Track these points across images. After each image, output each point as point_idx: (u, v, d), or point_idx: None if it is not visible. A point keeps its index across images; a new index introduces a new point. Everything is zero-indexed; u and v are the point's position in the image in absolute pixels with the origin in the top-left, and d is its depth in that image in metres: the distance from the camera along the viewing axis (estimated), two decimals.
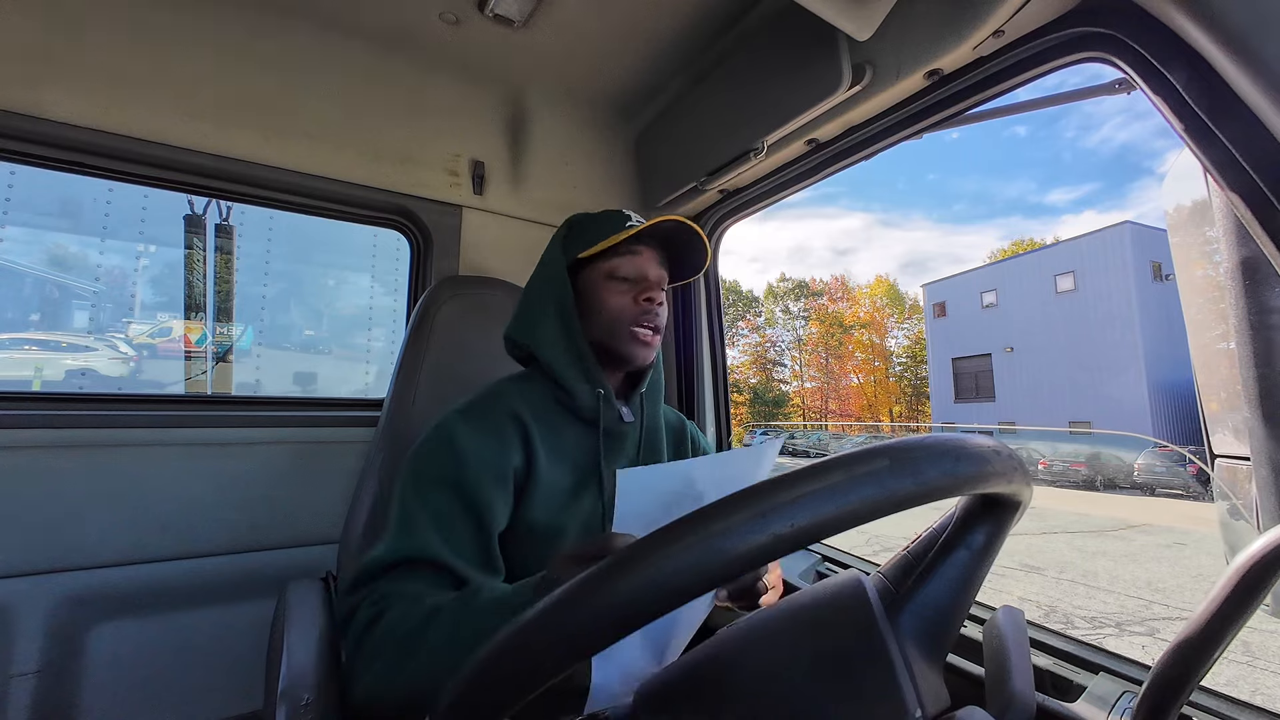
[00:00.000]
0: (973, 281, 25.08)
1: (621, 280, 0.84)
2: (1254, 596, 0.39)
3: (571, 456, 0.81)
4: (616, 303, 0.83)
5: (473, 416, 0.78)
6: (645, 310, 0.82)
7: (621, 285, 0.84)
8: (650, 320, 0.83)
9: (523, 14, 1.21)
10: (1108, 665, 0.78)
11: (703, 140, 1.34)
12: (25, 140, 1.08)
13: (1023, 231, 68.09)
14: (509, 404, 0.80)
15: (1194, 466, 12.02)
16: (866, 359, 40.37)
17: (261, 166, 1.26)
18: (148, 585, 1.14)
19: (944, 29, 0.86)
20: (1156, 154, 54.82)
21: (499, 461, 0.74)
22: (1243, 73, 0.58)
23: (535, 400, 0.83)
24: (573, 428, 0.83)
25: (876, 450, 0.32)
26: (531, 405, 0.82)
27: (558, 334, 0.84)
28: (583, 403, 0.82)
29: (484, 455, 0.73)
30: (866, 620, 0.40)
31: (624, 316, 0.82)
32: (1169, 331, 18.28)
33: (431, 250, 1.47)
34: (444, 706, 0.33)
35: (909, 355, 39.47)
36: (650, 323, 0.83)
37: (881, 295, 41.28)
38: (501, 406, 0.80)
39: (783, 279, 43.71)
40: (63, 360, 2.14)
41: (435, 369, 1.16)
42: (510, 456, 0.75)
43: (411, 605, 0.62)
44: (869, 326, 40.92)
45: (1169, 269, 17.93)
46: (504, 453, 0.75)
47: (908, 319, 40.42)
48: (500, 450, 0.75)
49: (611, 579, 0.29)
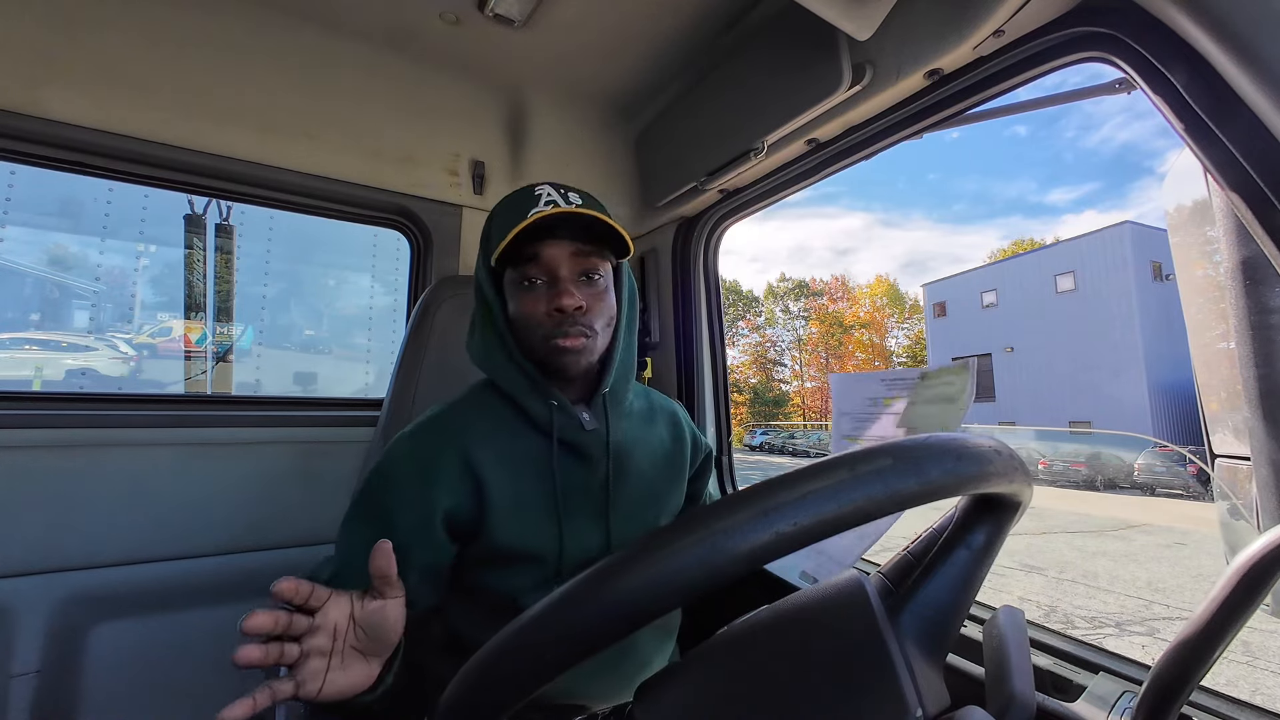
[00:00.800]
0: (973, 281, 25.08)
1: (532, 285, 0.73)
2: (1254, 596, 0.39)
3: (531, 472, 0.76)
4: (530, 313, 0.73)
5: (409, 453, 0.75)
6: (559, 320, 0.72)
7: (533, 291, 0.73)
8: (570, 327, 0.72)
9: (523, 14, 1.21)
10: (1108, 665, 0.78)
11: (703, 140, 1.34)
12: (25, 140, 1.08)
13: (1023, 231, 68.18)
14: (455, 434, 0.75)
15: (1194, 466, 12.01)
16: (867, 359, 40.38)
17: (261, 166, 1.26)
18: (148, 585, 1.14)
19: (944, 29, 0.86)
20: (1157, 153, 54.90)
21: (423, 507, 0.71)
22: (1243, 73, 0.58)
23: (490, 414, 0.78)
24: (532, 440, 0.77)
25: (879, 449, 0.32)
26: (484, 425, 0.77)
27: (496, 350, 0.77)
28: (537, 415, 0.76)
29: (408, 500, 0.71)
30: (867, 620, 0.40)
31: (538, 328, 0.73)
32: (1169, 331, 18.28)
33: (431, 250, 1.47)
34: (444, 705, 0.33)
35: (909, 355, 39.48)
36: (564, 333, 0.72)
37: (881, 295, 41.29)
38: (445, 440, 0.75)
39: (783, 279, 43.76)
40: (63, 360, 2.14)
41: (435, 368, 1.16)
42: (438, 500, 0.71)
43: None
44: (869, 326, 40.93)
45: (1169, 269, 17.92)
46: (430, 497, 0.71)
47: (908, 319, 40.44)
48: (426, 495, 0.71)
49: (616, 576, 0.29)
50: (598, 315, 0.75)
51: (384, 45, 1.34)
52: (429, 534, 0.71)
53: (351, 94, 1.33)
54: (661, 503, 0.86)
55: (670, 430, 0.92)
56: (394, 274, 1.61)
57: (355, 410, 1.42)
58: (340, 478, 1.34)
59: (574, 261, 0.74)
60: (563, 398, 0.77)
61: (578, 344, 0.73)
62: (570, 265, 0.73)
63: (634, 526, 0.81)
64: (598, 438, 0.79)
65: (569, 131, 1.56)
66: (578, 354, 0.73)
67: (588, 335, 0.74)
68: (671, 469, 0.90)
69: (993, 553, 0.43)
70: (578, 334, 0.73)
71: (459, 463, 0.73)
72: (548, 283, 0.73)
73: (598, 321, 0.75)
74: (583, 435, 0.78)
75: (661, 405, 0.95)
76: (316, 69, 1.29)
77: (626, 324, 0.81)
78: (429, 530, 0.71)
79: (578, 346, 0.73)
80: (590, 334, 0.74)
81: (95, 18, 1.09)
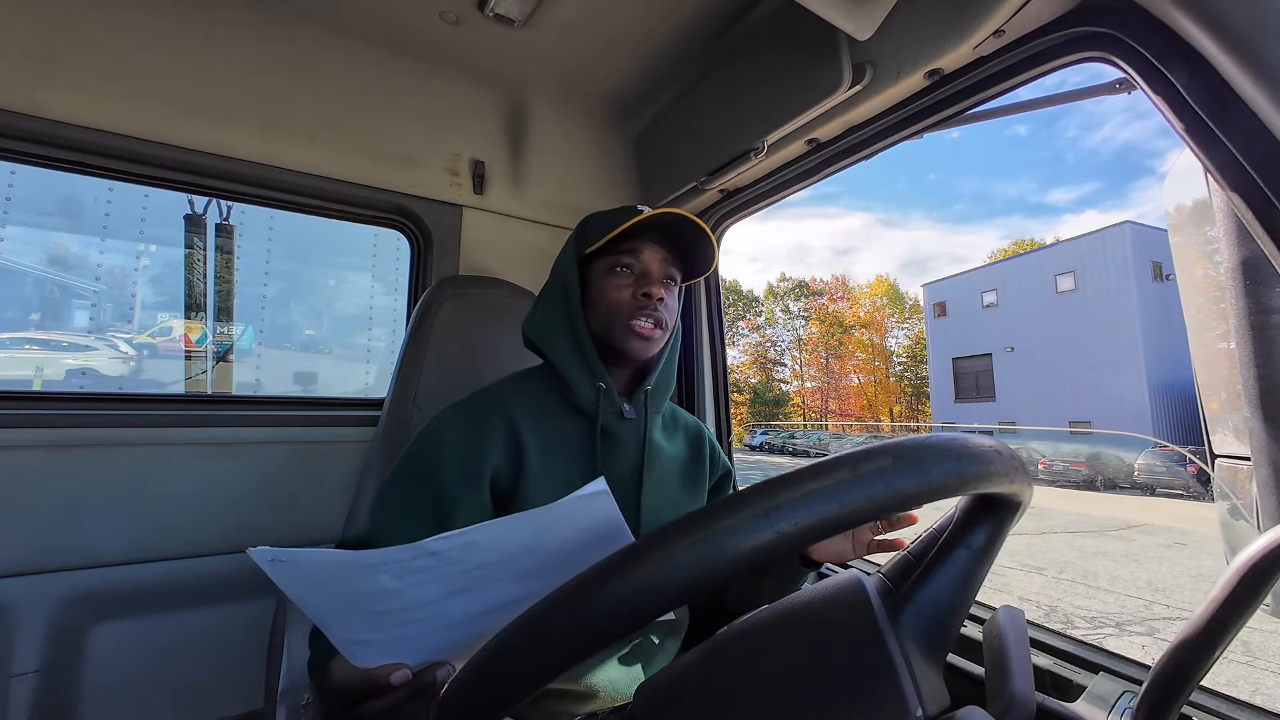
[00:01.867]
0: (973, 281, 25.09)
1: (623, 274, 0.84)
2: (1254, 596, 0.39)
3: (568, 453, 0.82)
4: (615, 296, 0.83)
5: (461, 414, 0.81)
6: (643, 305, 0.82)
7: (622, 279, 0.84)
8: (650, 314, 0.82)
9: (523, 14, 1.21)
10: (1108, 665, 0.78)
11: (703, 140, 1.34)
12: (25, 140, 1.08)
13: (1023, 231, 68.15)
14: (502, 403, 0.82)
15: (1194, 466, 12.02)
16: (867, 359, 40.39)
17: (262, 166, 1.26)
18: (148, 585, 1.14)
19: (944, 29, 0.86)
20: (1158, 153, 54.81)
21: (474, 462, 0.76)
22: (1243, 73, 0.58)
23: (534, 396, 0.85)
24: (571, 423, 0.84)
25: (880, 449, 0.32)
26: (528, 402, 0.83)
27: (563, 328, 0.85)
28: (582, 395, 0.83)
29: (459, 455, 0.76)
30: (867, 620, 0.40)
31: (621, 309, 0.82)
32: (1169, 331, 18.28)
33: (431, 250, 1.47)
34: (446, 702, 0.33)
35: (909, 355, 39.48)
36: (650, 316, 0.82)
37: (882, 295, 41.29)
38: (493, 406, 0.82)
39: (783, 279, 43.76)
40: (63, 360, 2.14)
41: (435, 369, 1.16)
42: (488, 457, 0.76)
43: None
44: (869, 326, 40.94)
45: (1169, 269, 17.93)
46: (481, 453, 0.76)
47: (908, 319, 40.43)
48: (477, 450, 0.76)
49: (619, 575, 0.29)
50: (668, 314, 0.85)
51: (384, 45, 1.34)
52: (477, 491, 0.75)
53: (351, 94, 1.33)
54: (679, 510, 0.90)
55: (690, 446, 0.97)
56: (394, 274, 1.60)
57: (355, 410, 1.42)
58: (340, 478, 1.34)
59: (663, 265, 0.86)
60: (611, 382, 0.84)
61: (652, 332, 0.83)
62: (660, 266, 0.85)
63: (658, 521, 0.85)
64: (633, 429, 0.86)
65: (569, 131, 1.56)
66: (648, 340, 0.83)
67: (660, 328, 0.84)
68: (690, 481, 0.94)
69: (993, 553, 0.43)
70: (654, 323, 0.83)
71: (504, 427, 0.79)
72: (638, 275, 0.84)
73: (669, 318, 0.85)
74: (621, 424, 0.85)
75: (685, 421, 1.01)
76: (316, 69, 1.29)
77: (673, 342, 0.91)
78: (477, 486, 0.75)
79: (651, 334, 0.83)
80: (662, 328, 0.84)
81: (95, 18, 1.09)
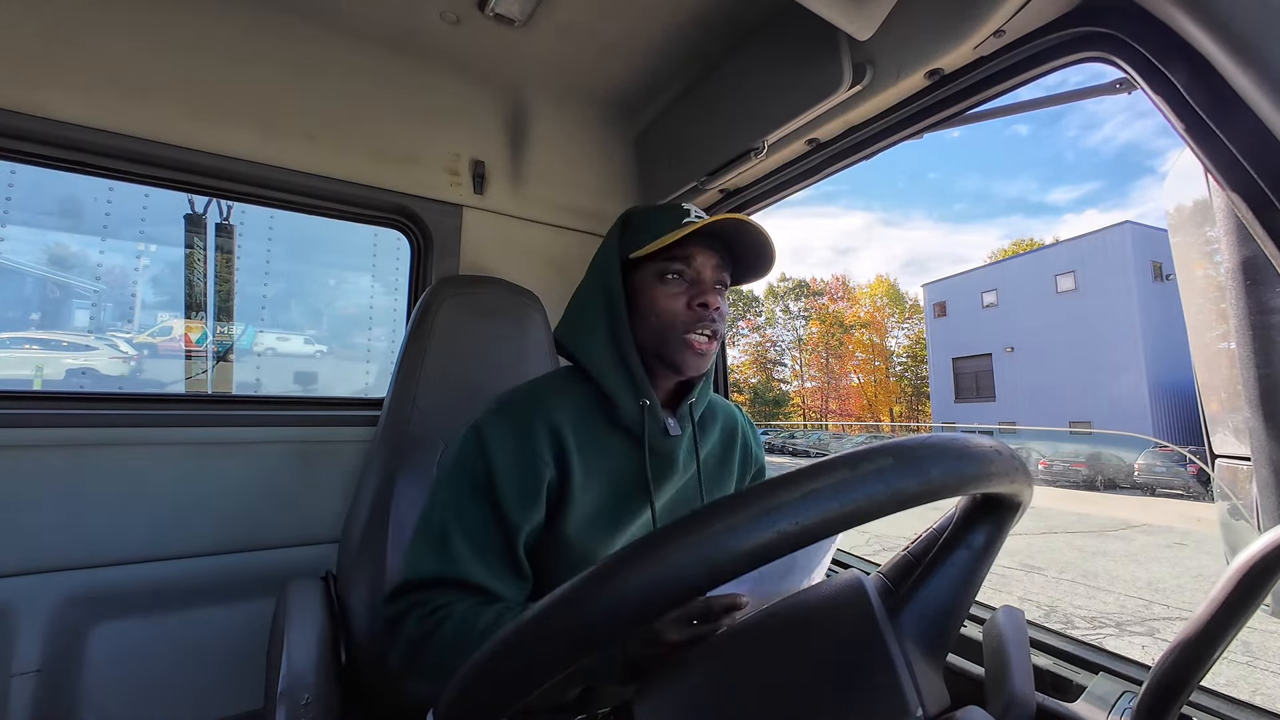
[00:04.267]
0: (973, 281, 25.07)
1: (674, 281, 0.77)
2: (1254, 596, 0.39)
3: (612, 474, 0.77)
4: (669, 306, 0.76)
5: (506, 422, 0.75)
6: (700, 316, 0.76)
7: (676, 287, 0.77)
8: (706, 327, 0.76)
9: (523, 14, 1.21)
10: (1108, 665, 0.78)
11: (703, 140, 1.34)
12: (26, 140, 1.08)
13: (1024, 231, 68.20)
14: (546, 411, 0.76)
15: (1194, 467, 12.01)
16: (867, 359, 40.39)
17: (262, 166, 1.26)
18: (148, 585, 1.14)
19: (945, 29, 0.86)
20: (1159, 153, 54.79)
21: (530, 475, 0.72)
22: (1243, 73, 0.58)
23: (576, 405, 0.79)
24: (614, 438, 0.79)
25: (881, 449, 0.32)
26: (571, 412, 0.77)
27: (604, 338, 0.79)
28: (626, 413, 0.78)
29: (515, 468, 0.72)
30: (867, 620, 0.40)
31: (677, 322, 0.76)
32: (1169, 331, 18.27)
33: (432, 250, 1.47)
34: (446, 702, 0.33)
35: (909, 355, 39.48)
36: (706, 329, 0.76)
37: (882, 295, 41.28)
38: (538, 414, 0.76)
39: (783, 278, 43.74)
40: (63, 359, 2.14)
41: (435, 368, 1.16)
42: (542, 471, 0.72)
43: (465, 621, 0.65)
44: (869, 326, 40.93)
45: (1170, 269, 17.92)
46: (536, 465, 0.72)
47: (908, 319, 40.42)
48: (532, 463, 0.72)
49: (619, 575, 0.29)
50: (722, 324, 0.79)
51: (384, 45, 1.34)
52: (536, 504, 0.72)
53: (352, 94, 1.33)
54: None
55: (723, 434, 0.92)
56: (394, 274, 1.60)
57: (355, 410, 1.42)
58: (340, 478, 1.34)
59: (717, 272, 0.79)
60: (655, 398, 0.78)
61: (709, 346, 0.77)
62: (713, 273, 0.79)
63: None
64: (681, 445, 0.81)
65: (569, 131, 1.56)
66: (704, 356, 0.77)
67: (714, 339, 0.77)
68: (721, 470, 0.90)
69: (993, 553, 0.43)
70: (710, 336, 0.77)
71: (549, 435, 0.74)
72: (691, 281, 0.77)
73: (722, 330, 0.79)
74: (666, 441, 0.79)
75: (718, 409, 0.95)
76: (316, 69, 1.29)
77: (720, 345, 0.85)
78: (536, 501, 0.72)
79: (708, 349, 0.77)
80: (717, 339, 0.78)
81: (96, 18, 1.09)
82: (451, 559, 0.69)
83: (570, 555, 0.74)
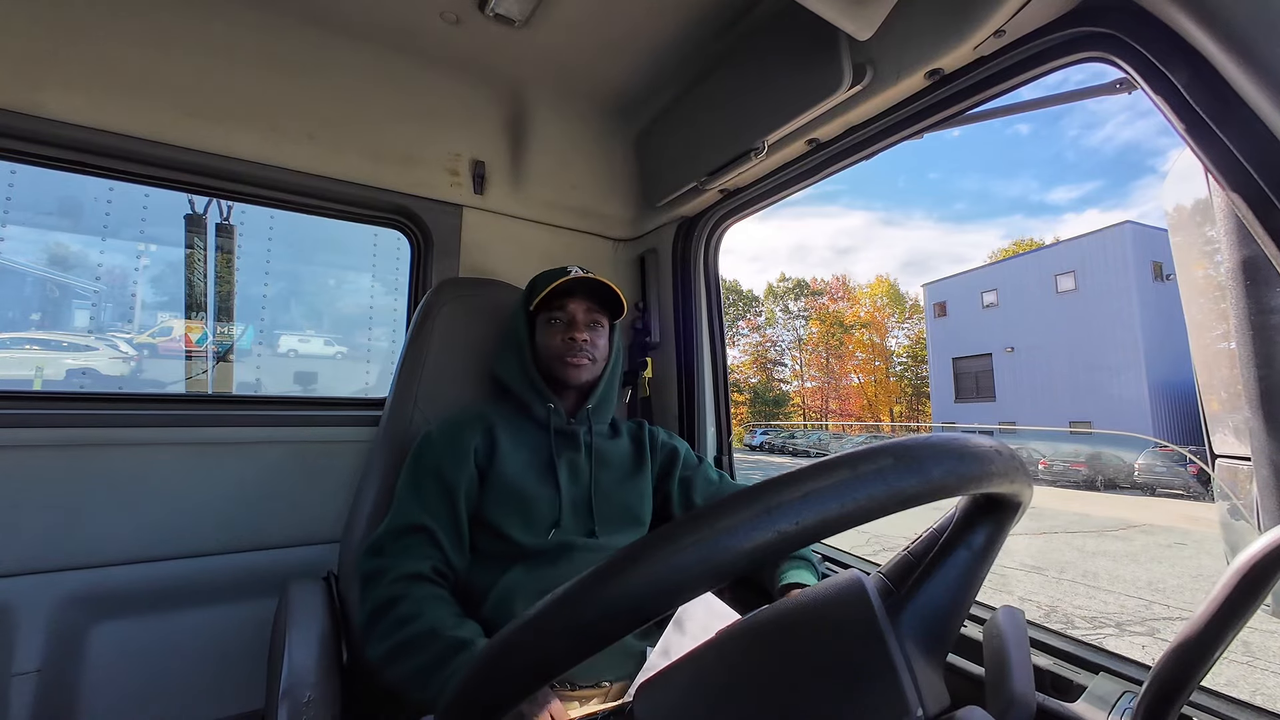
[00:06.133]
0: (973, 281, 25.06)
1: (554, 323, 1.09)
2: (1254, 596, 0.39)
3: (529, 444, 1.05)
4: (549, 341, 1.08)
5: (447, 424, 1.04)
6: (570, 346, 1.06)
7: (555, 327, 1.08)
8: (573, 353, 1.06)
9: (523, 14, 1.21)
10: (1108, 665, 0.78)
11: (703, 140, 1.34)
12: (26, 140, 1.08)
13: (1024, 231, 67.99)
14: (478, 410, 1.07)
15: (1194, 466, 12.00)
16: (867, 359, 40.38)
17: (262, 166, 1.26)
18: (148, 585, 1.15)
19: (945, 29, 0.86)
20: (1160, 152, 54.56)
21: (461, 445, 0.99)
22: (1244, 73, 0.58)
23: (503, 411, 1.09)
24: (530, 425, 1.08)
25: (881, 449, 0.32)
26: (499, 414, 1.07)
27: (516, 365, 1.10)
28: (537, 413, 1.08)
29: (450, 443, 1.00)
30: (867, 620, 0.40)
31: (555, 351, 1.07)
32: (1169, 331, 18.26)
33: (432, 250, 1.47)
34: (448, 701, 0.33)
35: (909, 355, 39.47)
36: (573, 354, 1.06)
37: (882, 295, 41.27)
38: (471, 412, 1.07)
39: (783, 278, 43.73)
40: (63, 359, 2.14)
41: (436, 369, 1.16)
42: (471, 440, 1.00)
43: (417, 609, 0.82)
44: (869, 326, 40.92)
45: (1170, 269, 17.91)
46: (467, 436, 1.00)
47: (908, 319, 40.42)
48: (462, 437, 1.00)
49: (620, 574, 0.29)
50: (596, 348, 1.09)
51: (384, 45, 1.34)
52: (467, 466, 0.98)
53: (352, 94, 1.33)
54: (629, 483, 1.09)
55: (632, 441, 1.17)
56: (394, 274, 1.61)
57: (356, 410, 1.42)
58: (340, 478, 1.34)
59: (586, 314, 1.10)
60: (559, 403, 1.09)
61: (581, 362, 1.07)
62: (584, 315, 1.09)
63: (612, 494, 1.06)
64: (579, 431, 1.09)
65: (569, 131, 1.56)
66: (579, 369, 1.07)
67: (589, 359, 1.08)
68: (636, 464, 1.13)
69: (993, 553, 0.43)
70: (582, 357, 1.07)
71: (481, 423, 1.04)
72: (567, 324, 1.08)
73: (596, 353, 1.09)
74: (567, 427, 1.09)
75: (627, 425, 1.21)
76: (316, 69, 1.29)
77: (612, 367, 1.14)
78: (466, 463, 0.98)
79: (580, 364, 1.07)
80: (590, 360, 1.08)
81: (96, 18, 1.09)
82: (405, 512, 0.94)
83: (507, 493, 0.98)
